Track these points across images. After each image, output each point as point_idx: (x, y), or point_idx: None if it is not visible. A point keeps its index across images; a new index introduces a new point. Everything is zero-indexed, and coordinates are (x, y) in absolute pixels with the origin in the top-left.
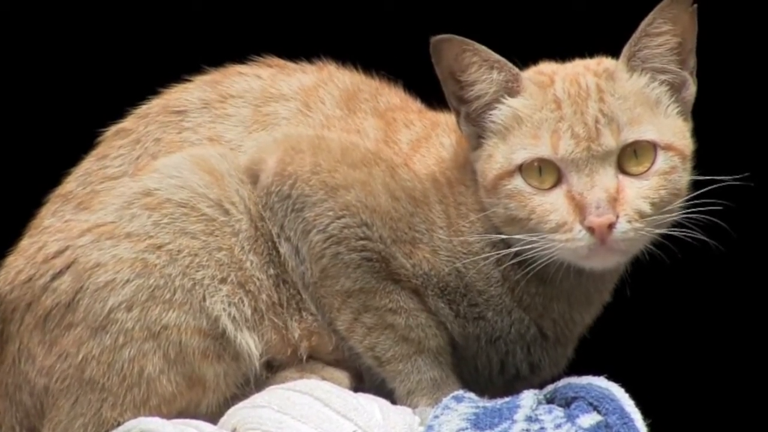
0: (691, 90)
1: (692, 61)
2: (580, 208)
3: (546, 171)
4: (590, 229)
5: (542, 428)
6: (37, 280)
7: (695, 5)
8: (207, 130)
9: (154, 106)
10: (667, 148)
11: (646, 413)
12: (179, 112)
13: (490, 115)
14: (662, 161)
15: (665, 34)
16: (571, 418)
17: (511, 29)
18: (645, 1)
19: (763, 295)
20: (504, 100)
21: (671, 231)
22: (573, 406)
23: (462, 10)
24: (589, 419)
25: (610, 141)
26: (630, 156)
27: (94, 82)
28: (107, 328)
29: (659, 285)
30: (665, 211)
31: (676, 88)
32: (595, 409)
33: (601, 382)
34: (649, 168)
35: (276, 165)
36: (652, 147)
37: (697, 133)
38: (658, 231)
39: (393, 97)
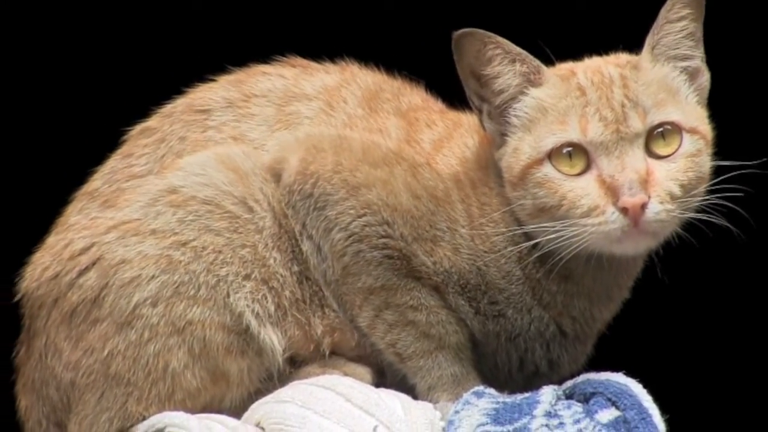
0: (705, 77)
1: (702, 49)
2: (612, 190)
3: (575, 156)
4: (624, 210)
5: (561, 423)
6: (63, 277)
7: None
8: (231, 129)
9: (178, 105)
10: (692, 131)
11: (663, 409)
12: (203, 111)
13: (514, 109)
14: (688, 144)
15: (684, 19)
16: (589, 413)
17: (523, 32)
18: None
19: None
20: (527, 92)
21: (696, 216)
22: (592, 401)
23: (478, 15)
24: (607, 414)
25: (637, 123)
26: (657, 138)
27: (119, 80)
28: (132, 324)
29: (677, 282)
30: (692, 195)
31: (692, 77)
32: (614, 404)
33: (619, 378)
34: (676, 150)
35: (298, 164)
36: (678, 130)
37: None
38: (685, 215)
39: (415, 97)
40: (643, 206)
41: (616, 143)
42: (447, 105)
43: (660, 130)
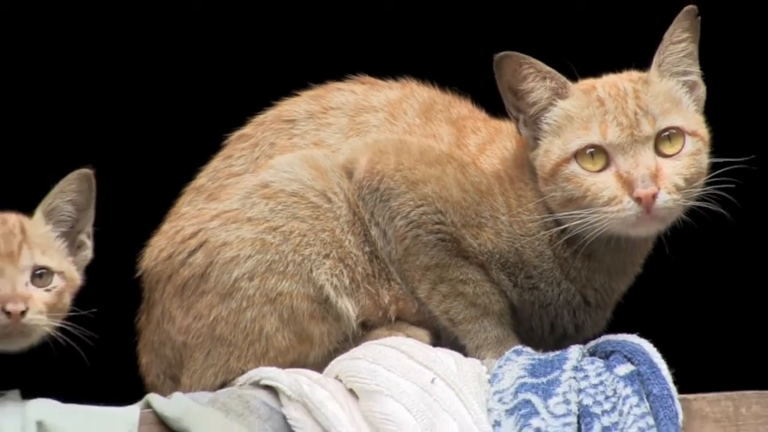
0: (702, 89)
1: (698, 66)
2: (627, 183)
3: (596, 155)
4: (638, 200)
5: (586, 376)
6: (176, 257)
7: (699, 17)
8: (312, 136)
9: (269, 116)
10: (693, 134)
11: (670, 364)
12: (290, 121)
13: (545, 117)
14: (690, 144)
15: (684, 41)
16: (609, 367)
17: (549, 50)
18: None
19: (761, 253)
20: (556, 103)
21: (696, 203)
22: (611, 358)
23: (512, 37)
24: (624, 369)
25: (648, 128)
26: (665, 140)
27: (221, 94)
28: (233, 295)
29: (682, 258)
30: (693, 186)
31: (692, 89)
32: (629, 360)
33: (633, 339)
34: (680, 150)
35: (367, 164)
36: (682, 133)
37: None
38: (688, 203)
39: (463, 108)
40: (654, 196)
41: (630, 144)
42: (489, 114)
43: (666, 133)
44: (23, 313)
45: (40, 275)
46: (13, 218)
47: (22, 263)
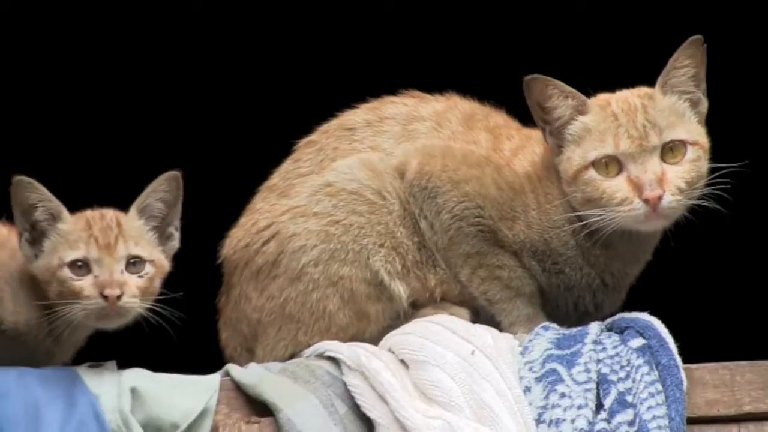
0: (704, 105)
1: (703, 85)
2: (637, 187)
3: (610, 164)
4: (646, 201)
5: (604, 348)
6: (252, 246)
7: (705, 45)
8: (369, 142)
9: (332, 125)
10: (694, 144)
11: (676, 338)
12: (350, 129)
13: (568, 129)
14: (691, 153)
15: (686, 67)
16: (624, 341)
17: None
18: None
19: (753, 243)
20: (576, 118)
21: (696, 202)
22: (625, 333)
23: (538, 59)
24: (636, 342)
25: (655, 139)
26: (669, 150)
27: (292, 107)
28: (301, 279)
29: (684, 248)
30: (694, 189)
31: (694, 104)
32: (641, 335)
33: (645, 316)
34: (683, 158)
35: (417, 166)
36: (684, 144)
37: (709, 134)
38: (689, 202)
39: (498, 118)
40: (660, 198)
41: (640, 153)
42: (521, 124)
43: (671, 144)
44: (119, 297)
45: (134, 263)
46: (110, 214)
47: (118, 253)
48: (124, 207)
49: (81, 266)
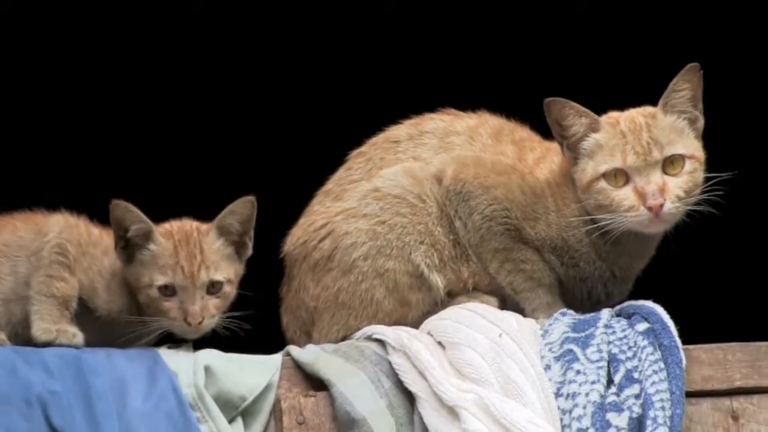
0: (700, 122)
1: (700, 105)
2: (642, 196)
3: (618, 176)
4: (649, 208)
5: (614, 331)
6: (310, 243)
7: (702, 71)
8: (411, 153)
9: (379, 138)
10: (691, 157)
11: (675, 322)
12: (395, 142)
13: (582, 144)
14: (689, 165)
15: (684, 90)
16: (631, 325)
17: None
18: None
19: (743, 242)
20: (590, 135)
21: (693, 208)
22: (632, 318)
23: (557, 82)
24: (642, 326)
25: (657, 154)
26: (669, 164)
27: (345, 124)
28: (352, 271)
29: (683, 246)
30: (691, 196)
31: (692, 122)
32: (646, 320)
33: (649, 303)
34: (681, 170)
35: (452, 173)
36: (683, 158)
37: (705, 147)
38: (687, 208)
39: (523, 132)
40: (661, 206)
41: (644, 167)
42: (542, 137)
43: (671, 158)
44: (201, 321)
45: (213, 285)
46: (194, 236)
47: (200, 280)
48: (204, 210)
49: (168, 289)
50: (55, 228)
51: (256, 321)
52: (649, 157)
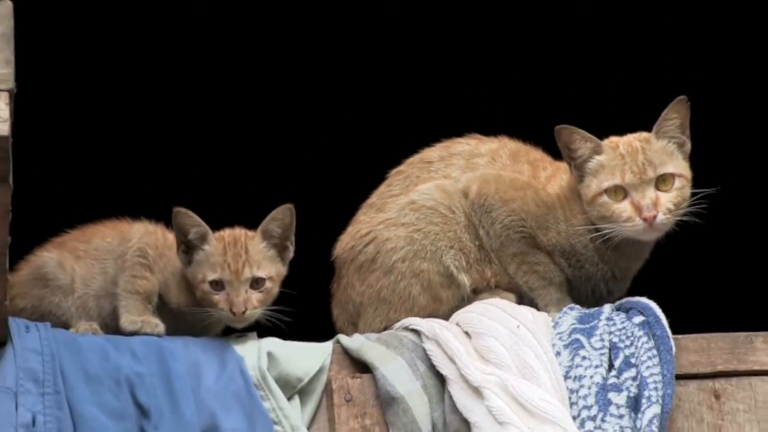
0: (687, 146)
1: (688, 131)
2: (638, 209)
3: (618, 191)
4: (644, 219)
5: (614, 323)
6: (356, 248)
7: (689, 102)
8: (442, 172)
9: (415, 159)
10: (680, 176)
11: (666, 314)
12: (428, 162)
13: (587, 164)
14: (678, 183)
15: (674, 119)
16: (629, 318)
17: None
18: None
19: (724, 248)
20: (594, 157)
21: (681, 218)
22: (630, 312)
23: (567, 112)
24: (638, 319)
25: (651, 173)
26: (661, 181)
27: (386, 147)
28: (392, 272)
29: (673, 251)
30: (680, 209)
31: (680, 145)
32: (642, 314)
33: (644, 300)
34: (671, 187)
35: (477, 189)
36: (673, 176)
37: (691, 167)
38: (676, 219)
39: (536, 153)
40: (655, 217)
41: (640, 184)
42: (553, 158)
43: (663, 176)
44: (244, 312)
45: (256, 281)
46: (241, 239)
47: (244, 276)
48: (256, 219)
49: (217, 284)
50: (137, 234)
51: (309, 313)
52: (644, 176)
